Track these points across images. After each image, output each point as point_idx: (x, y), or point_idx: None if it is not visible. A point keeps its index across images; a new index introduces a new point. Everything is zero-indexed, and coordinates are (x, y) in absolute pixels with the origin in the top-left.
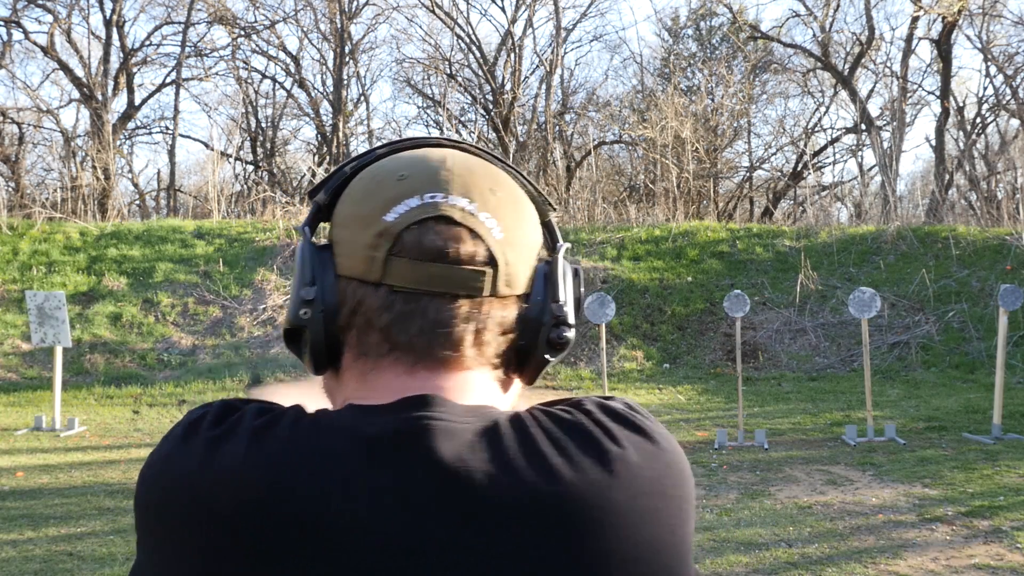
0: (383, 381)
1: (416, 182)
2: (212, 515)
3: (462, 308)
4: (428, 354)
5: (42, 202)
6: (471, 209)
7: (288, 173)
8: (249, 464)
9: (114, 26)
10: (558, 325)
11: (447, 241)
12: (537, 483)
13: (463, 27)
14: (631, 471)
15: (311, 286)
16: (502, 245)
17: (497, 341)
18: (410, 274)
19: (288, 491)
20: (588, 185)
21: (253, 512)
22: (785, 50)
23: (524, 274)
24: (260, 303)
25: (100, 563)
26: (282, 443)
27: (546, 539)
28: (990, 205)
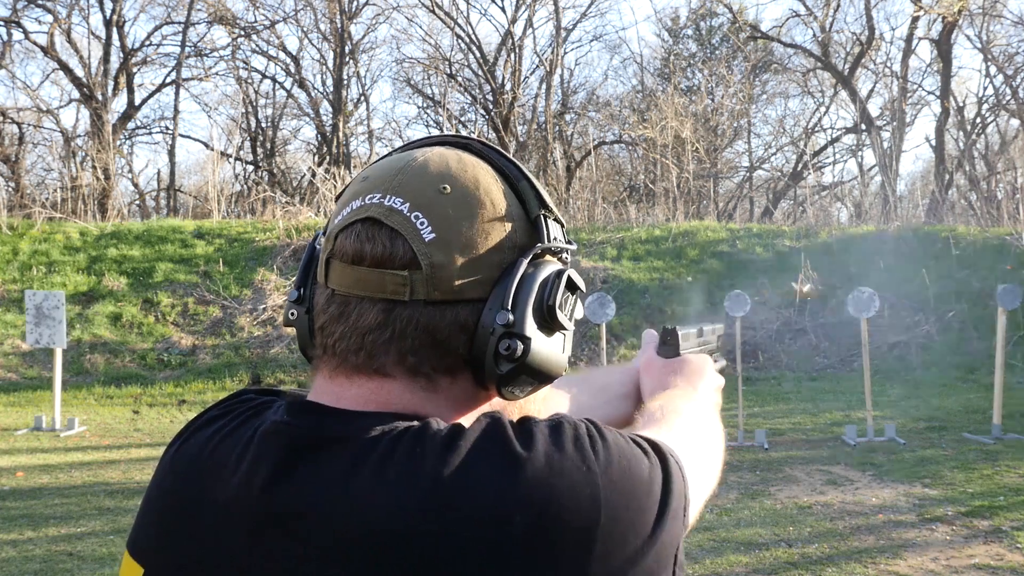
0: (317, 384)
1: (369, 184)
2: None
3: (380, 313)
4: (345, 360)
5: (42, 202)
6: (400, 209)
7: (288, 173)
8: (176, 451)
9: (114, 26)
10: (508, 336)
11: (363, 243)
12: (349, 502)
13: (463, 27)
14: (442, 498)
15: (298, 288)
16: (430, 247)
17: (427, 350)
18: (341, 277)
19: (179, 477)
20: (588, 185)
21: (160, 492)
22: (785, 50)
23: (474, 277)
24: (260, 303)
25: (100, 563)
26: (207, 435)
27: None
28: (990, 205)
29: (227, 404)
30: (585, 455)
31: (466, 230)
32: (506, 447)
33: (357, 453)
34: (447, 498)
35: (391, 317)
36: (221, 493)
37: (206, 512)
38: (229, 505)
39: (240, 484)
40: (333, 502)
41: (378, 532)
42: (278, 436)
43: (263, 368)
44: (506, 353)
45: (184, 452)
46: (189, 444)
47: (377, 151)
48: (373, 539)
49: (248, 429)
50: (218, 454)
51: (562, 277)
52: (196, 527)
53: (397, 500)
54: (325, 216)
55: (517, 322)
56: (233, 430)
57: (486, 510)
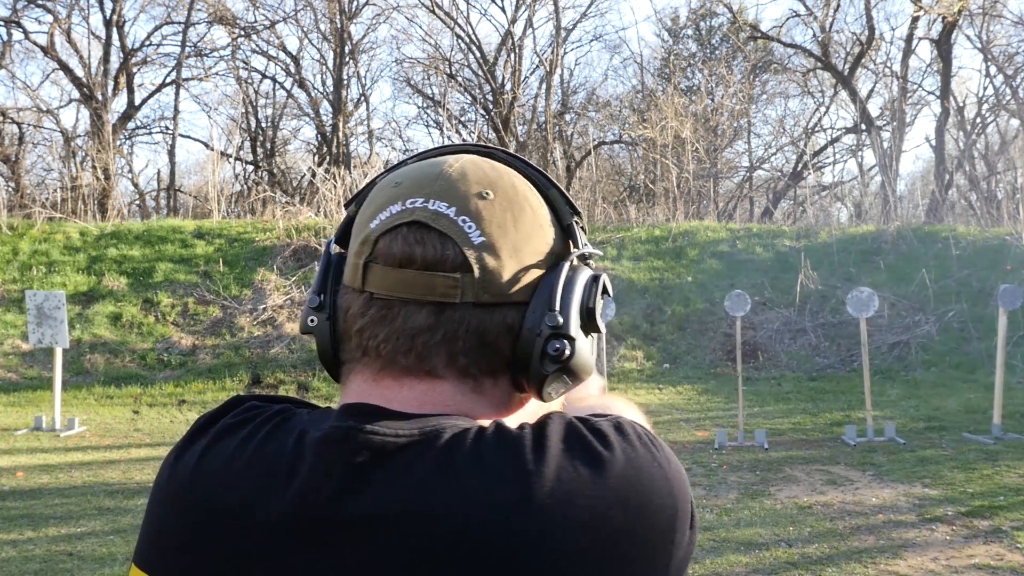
0: (353, 386)
1: (405, 188)
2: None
3: (431, 316)
4: (392, 361)
5: (42, 202)
6: (447, 213)
7: (288, 173)
8: (198, 463)
9: (114, 26)
10: (554, 337)
11: (413, 246)
12: (440, 503)
13: (463, 27)
14: (551, 497)
15: (318, 294)
16: (479, 250)
17: (477, 351)
18: (383, 280)
19: (213, 489)
20: (588, 185)
21: (185, 507)
22: (785, 50)
23: (519, 281)
24: (260, 303)
25: (100, 563)
26: (236, 444)
27: (441, 561)
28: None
29: (242, 412)
30: (653, 451)
31: (511, 234)
32: (589, 447)
33: (438, 454)
34: (550, 495)
35: (441, 319)
36: (276, 505)
37: (253, 527)
38: (284, 517)
39: (302, 494)
40: (425, 504)
41: (477, 532)
42: (347, 442)
43: (263, 368)
44: (555, 354)
45: (211, 464)
46: (214, 455)
47: (377, 151)
48: (472, 539)
49: (286, 436)
50: (258, 465)
51: (599, 282)
52: (242, 542)
53: (499, 499)
54: (326, 216)
55: (565, 324)
56: (265, 439)
57: (587, 507)
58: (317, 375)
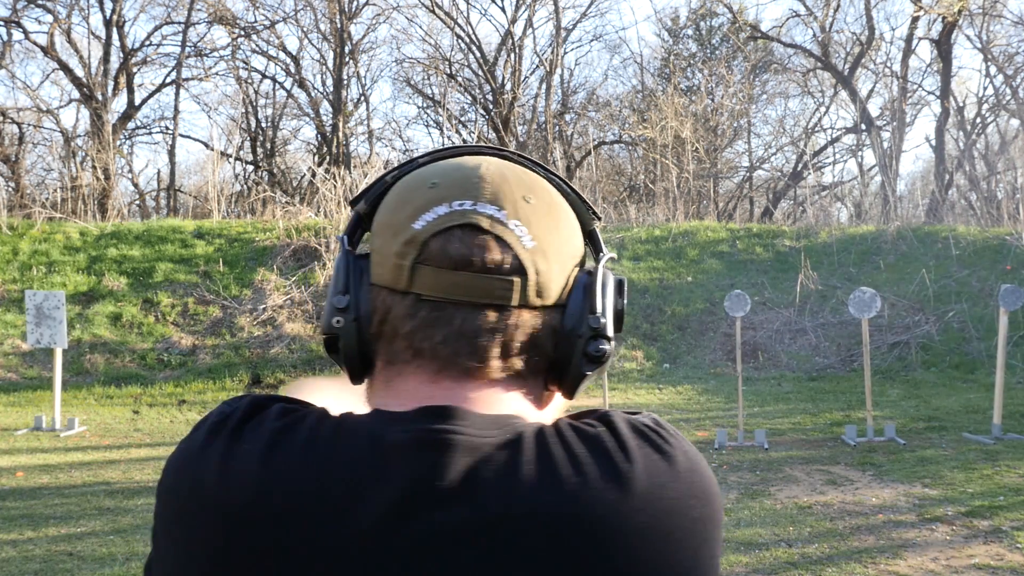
0: (407, 388)
1: (446, 189)
2: (224, 516)
3: (488, 318)
4: (452, 363)
5: (42, 202)
6: (500, 217)
7: (288, 173)
8: (264, 468)
9: (114, 26)
10: (595, 338)
11: (472, 249)
12: (550, 501)
13: (463, 27)
14: (648, 491)
15: (344, 294)
16: (532, 254)
17: (528, 352)
18: (435, 282)
19: (298, 496)
20: (588, 185)
21: (264, 516)
22: (785, 50)
23: (560, 284)
24: (260, 303)
25: (100, 563)
26: (300, 447)
27: (555, 560)
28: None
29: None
30: (687, 445)
31: (554, 238)
32: (653, 442)
33: (533, 453)
34: (643, 491)
35: (499, 321)
36: (371, 511)
37: (343, 531)
38: (391, 522)
39: (394, 497)
40: (533, 505)
41: (587, 528)
42: (441, 444)
43: (263, 368)
44: (597, 355)
45: (277, 470)
46: (278, 461)
47: (377, 151)
48: (582, 536)
49: (353, 440)
50: (336, 469)
51: (624, 285)
52: (329, 549)
53: (602, 497)
54: (326, 216)
55: (607, 326)
56: (332, 443)
57: (671, 500)
58: (317, 375)
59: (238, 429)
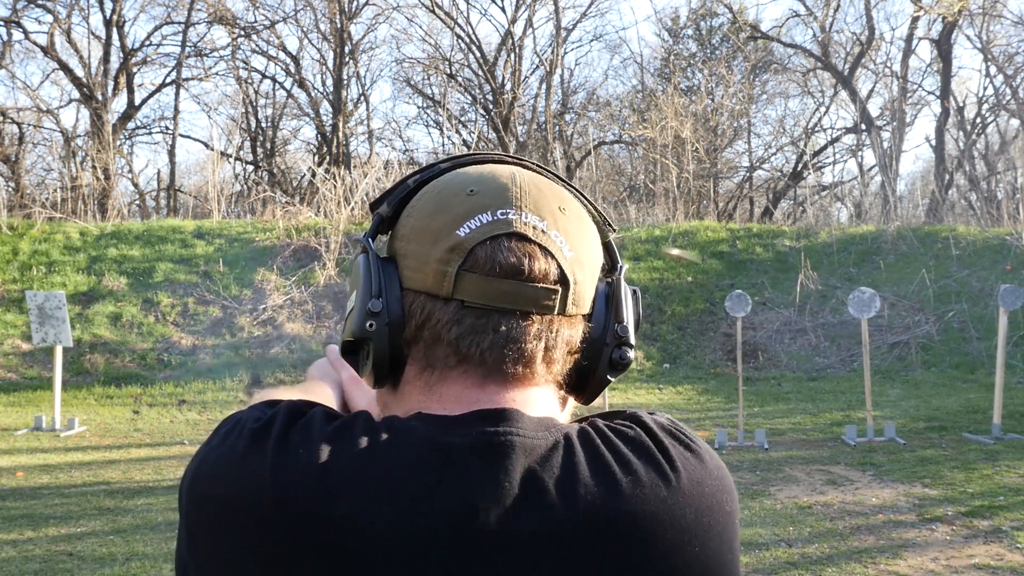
0: (452, 393)
1: (487, 198)
2: (285, 521)
3: (533, 325)
4: (498, 369)
5: (42, 202)
6: (543, 227)
7: (288, 173)
8: (326, 471)
9: (114, 26)
10: (620, 346)
11: (521, 258)
12: (608, 501)
13: (463, 27)
14: (692, 489)
15: (378, 298)
16: (572, 264)
17: (564, 360)
18: (481, 289)
19: (363, 498)
20: (588, 185)
21: (330, 518)
22: (785, 50)
23: (589, 294)
24: (260, 303)
25: (100, 563)
26: (359, 451)
27: (619, 557)
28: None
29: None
30: (705, 443)
31: (586, 249)
32: (680, 439)
33: (585, 455)
34: (688, 488)
35: (543, 330)
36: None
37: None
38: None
39: (458, 501)
40: (595, 506)
41: (649, 526)
42: (501, 447)
43: (263, 368)
44: (623, 362)
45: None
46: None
47: (377, 151)
48: (646, 533)
49: (407, 444)
50: (397, 473)
51: (639, 295)
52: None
53: (657, 495)
54: (326, 216)
55: (631, 334)
56: (389, 448)
57: (709, 495)
58: None
59: (284, 435)
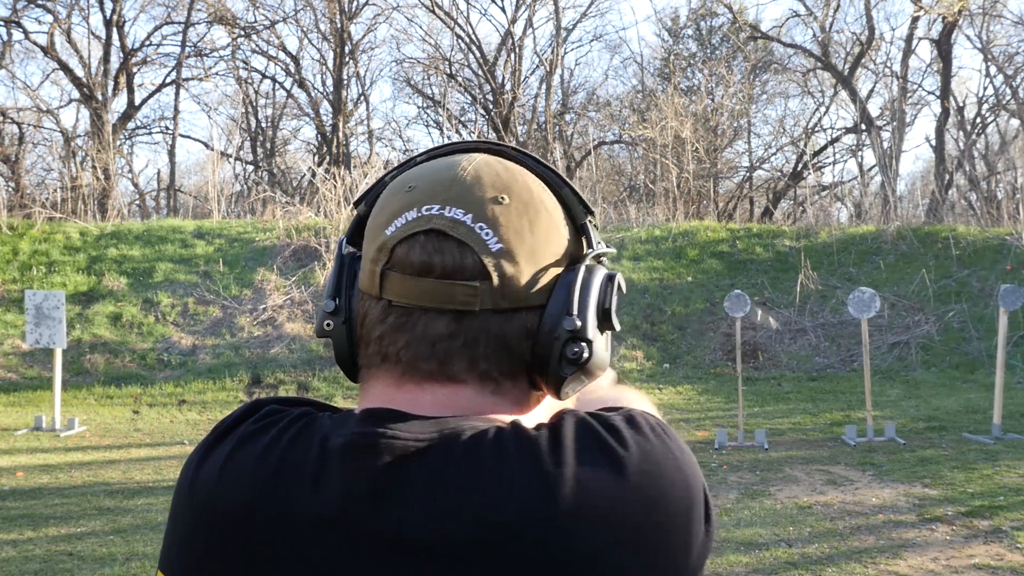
0: (375, 392)
1: (420, 194)
2: (192, 515)
3: (451, 323)
4: (414, 367)
5: (42, 202)
6: (465, 220)
7: (288, 173)
8: (223, 470)
9: (114, 26)
10: (574, 340)
11: (432, 255)
12: (473, 507)
13: (463, 27)
14: (574, 496)
15: (333, 298)
16: (497, 257)
17: (498, 356)
18: (402, 288)
19: (247, 500)
20: (588, 185)
21: (218, 518)
22: (785, 50)
23: (537, 284)
24: (260, 303)
25: (100, 563)
26: (260, 450)
27: (474, 569)
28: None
29: (263, 417)
30: (667, 444)
31: (528, 239)
32: (605, 443)
33: (467, 457)
34: (574, 496)
35: (461, 326)
36: (304, 512)
37: (283, 537)
38: (318, 528)
39: (330, 501)
40: (459, 510)
41: (513, 536)
42: (371, 448)
43: (263, 368)
44: (573, 357)
45: (234, 473)
46: (236, 464)
47: (377, 151)
48: (509, 544)
49: (308, 442)
50: (285, 473)
51: (614, 282)
52: (271, 553)
53: (527, 503)
54: (326, 216)
55: (583, 327)
56: (290, 445)
57: (610, 506)
58: (317, 375)
59: (225, 432)
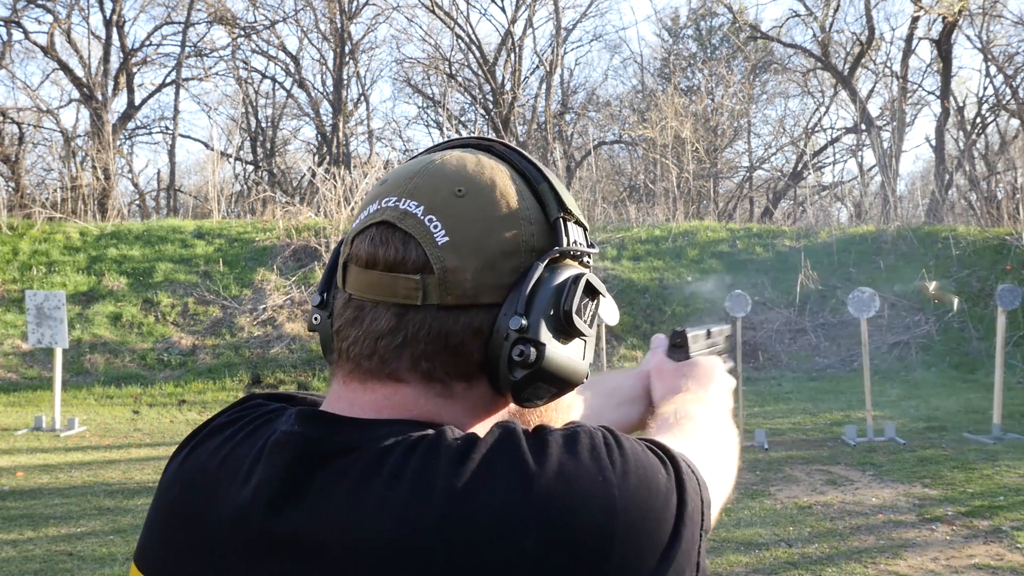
0: (332, 389)
1: (386, 187)
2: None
3: (393, 318)
4: (358, 365)
5: (42, 202)
6: (415, 212)
7: (288, 173)
8: (180, 464)
9: (114, 26)
10: (521, 341)
11: (378, 247)
12: (354, 516)
13: (463, 27)
14: (456, 512)
15: (321, 293)
16: (443, 250)
17: (441, 355)
18: (356, 281)
19: (191, 492)
20: (588, 185)
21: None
22: (785, 50)
23: (487, 282)
24: (260, 303)
25: (100, 563)
26: (216, 445)
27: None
28: (990, 205)
29: (236, 411)
30: (601, 465)
31: (480, 233)
32: (518, 458)
33: (369, 464)
34: (459, 512)
35: (403, 322)
36: (228, 507)
37: (209, 527)
38: (233, 522)
39: (248, 500)
40: (342, 517)
41: (387, 549)
42: (286, 447)
43: (263, 368)
44: (519, 359)
45: (192, 462)
46: (197, 453)
47: (377, 151)
48: (382, 556)
49: (259, 439)
50: (227, 466)
51: (580, 281)
52: (200, 542)
53: (408, 515)
54: (326, 216)
55: (531, 327)
56: (243, 440)
57: (497, 525)
58: (317, 375)
59: (207, 423)
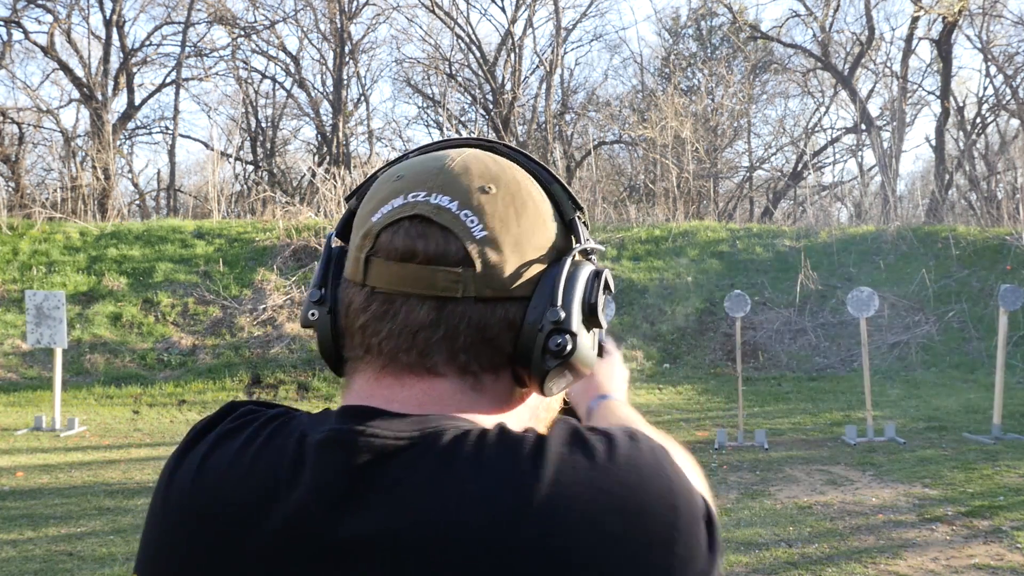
0: (356, 385)
1: (408, 182)
2: (163, 518)
3: (432, 311)
4: (394, 360)
5: (42, 202)
6: (450, 207)
7: (288, 173)
8: (197, 472)
9: (114, 26)
10: (557, 332)
11: (415, 240)
12: (440, 509)
13: (463, 27)
14: (548, 501)
15: (319, 287)
16: (481, 244)
17: (478, 347)
18: (385, 274)
19: (221, 500)
20: (588, 185)
21: (193, 520)
22: (785, 50)
23: (522, 275)
24: (260, 303)
25: (100, 563)
26: (234, 450)
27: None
28: (990, 205)
29: (239, 416)
30: (661, 463)
31: (513, 229)
32: (591, 449)
33: (438, 457)
34: (544, 500)
35: (443, 314)
36: (278, 515)
37: (254, 536)
38: (291, 527)
39: (302, 504)
40: (422, 512)
41: (476, 539)
42: (342, 445)
43: (263, 368)
44: (556, 349)
45: (210, 471)
46: (212, 461)
47: (377, 151)
48: (472, 547)
49: (286, 440)
50: (259, 472)
51: (601, 277)
52: (238, 553)
53: (494, 505)
54: (326, 216)
55: (567, 319)
56: (266, 443)
57: (582, 513)
58: (317, 375)
59: (201, 433)
